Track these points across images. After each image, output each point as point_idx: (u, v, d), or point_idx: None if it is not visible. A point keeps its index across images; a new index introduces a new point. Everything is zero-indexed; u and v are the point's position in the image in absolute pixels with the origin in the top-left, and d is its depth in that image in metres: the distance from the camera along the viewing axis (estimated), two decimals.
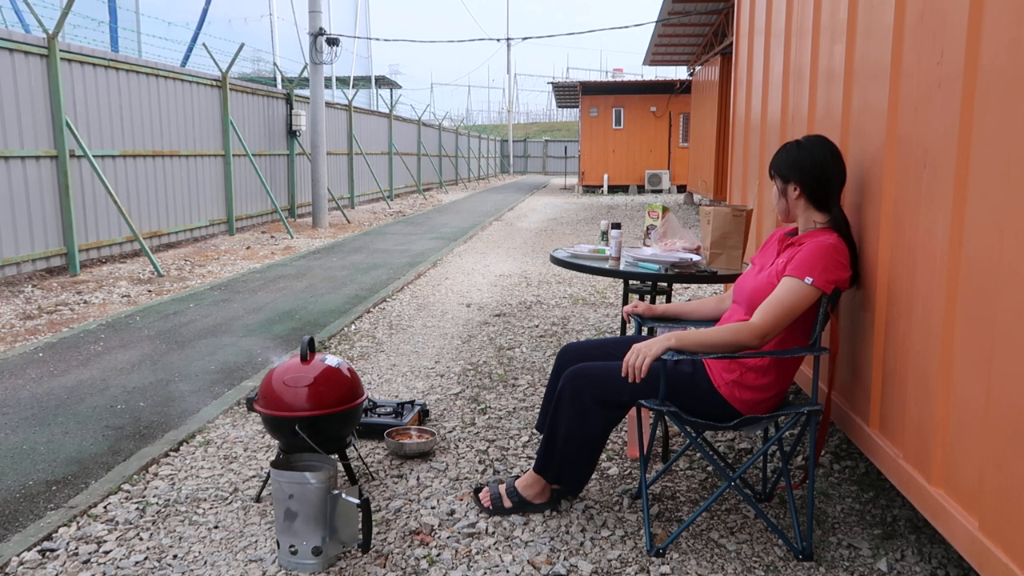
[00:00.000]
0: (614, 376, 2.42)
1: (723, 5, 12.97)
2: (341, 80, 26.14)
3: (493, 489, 2.72)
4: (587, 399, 2.47)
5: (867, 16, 2.58)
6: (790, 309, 2.31)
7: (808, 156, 2.46)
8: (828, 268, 2.31)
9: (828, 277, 2.32)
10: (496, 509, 2.67)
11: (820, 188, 2.44)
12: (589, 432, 2.49)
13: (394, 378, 4.38)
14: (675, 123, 23.06)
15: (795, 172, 2.45)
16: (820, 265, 2.31)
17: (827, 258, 2.32)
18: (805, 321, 2.41)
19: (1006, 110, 1.74)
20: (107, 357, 4.80)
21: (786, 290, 2.31)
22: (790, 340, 2.44)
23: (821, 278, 2.30)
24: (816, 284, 2.29)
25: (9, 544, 2.52)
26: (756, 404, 2.44)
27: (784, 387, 2.49)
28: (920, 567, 2.38)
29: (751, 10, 4.47)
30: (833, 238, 2.39)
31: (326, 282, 7.63)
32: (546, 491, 2.67)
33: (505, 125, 50.13)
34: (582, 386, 2.48)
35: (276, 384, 2.67)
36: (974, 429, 1.88)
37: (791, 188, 2.47)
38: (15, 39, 7.17)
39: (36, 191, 7.39)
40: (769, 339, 2.33)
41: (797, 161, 2.46)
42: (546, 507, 2.68)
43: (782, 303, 2.30)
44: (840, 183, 2.48)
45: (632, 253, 3.38)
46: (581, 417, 2.48)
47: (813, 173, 2.43)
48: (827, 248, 2.34)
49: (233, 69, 11.66)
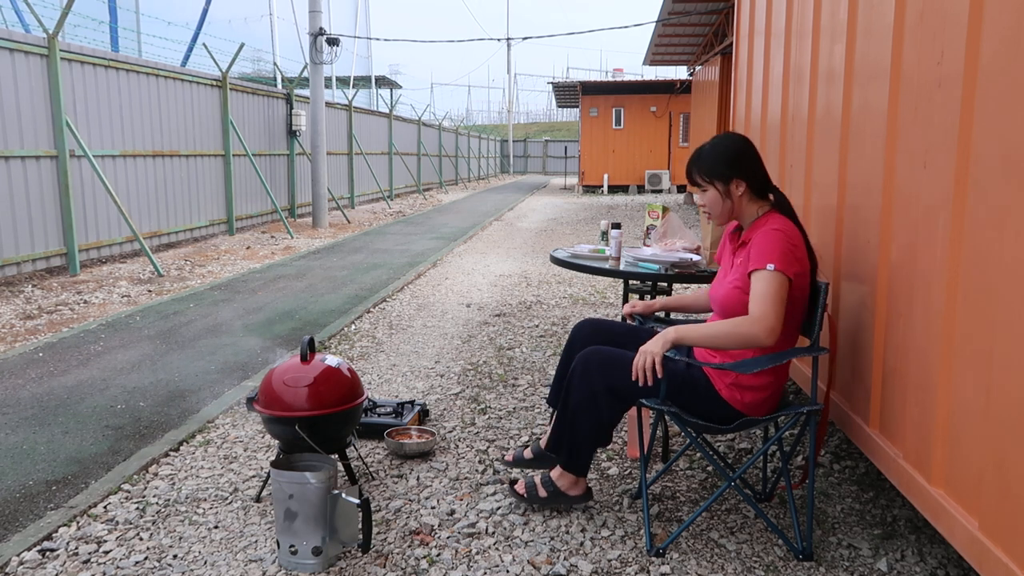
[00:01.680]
0: (626, 367, 2.42)
1: (723, 5, 12.97)
2: (341, 80, 26.14)
3: (528, 480, 2.71)
4: (598, 384, 2.47)
5: (867, 16, 2.58)
6: (776, 296, 2.27)
7: (737, 149, 2.46)
8: (787, 257, 2.30)
9: (790, 268, 2.30)
10: (531, 498, 2.66)
11: (759, 176, 2.45)
12: (598, 415, 2.49)
13: (394, 378, 4.38)
14: (675, 123, 23.06)
15: (735, 168, 2.43)
16: (780, 253, 2.30)
17: (785, 246, 2.31)
18: (791, 315, 2.39)
19: (1006, 110, 1.74)
20: (107, 357, 4.80)
21: (761, 283, 2.29)
22: (780, 337, 2.43)
23: (785, 267, 2.29)
24: (778, 269, 2.28)
25: (9, 544, 2.52)
26: (757, 404, 2.44)
27: (781, 383, 2.49)
28: (920, 567, 2.38)
29: (751, 10, 4.47)
30: (779, 221, 2.39)
31: (326, 282, 7.63)
32: (580, 483, 2.64)
33: (505, 125, 50.13)
34: (593, 371, 2.48)
35: (276, 384, 2.67)
36: (974, 429, 1.88)
37: (734, 186, 2.43)
38: (15, 39, 7.17)
39: (36, 191, 7.39)
40: (773, 327, 2.25)
41: (732, 158, 2.44)
42: (583, 500, 2.65)
43: (767, 294, 2.27)
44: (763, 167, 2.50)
45: (632, 253, 3.38)
46: (592, 400, 2.48)
47: (750, 164, 2.45)
48: (784, 237, 2.33)
49: (233, 69, 11.67)
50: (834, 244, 2.86)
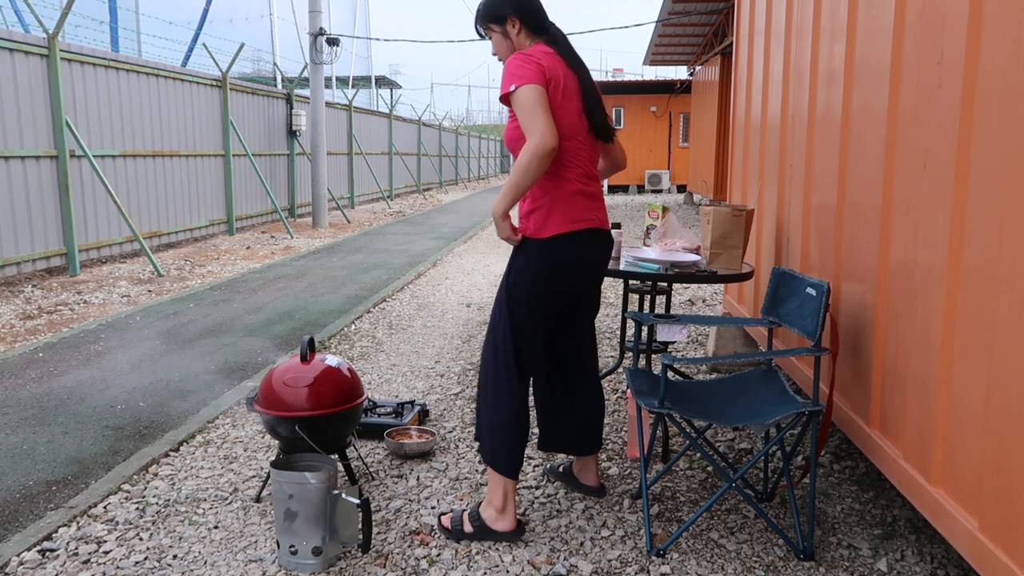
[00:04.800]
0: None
1: (723, 5, 12.96)
2: (341, 80, 26.12)
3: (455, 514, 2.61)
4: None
5: (867, 16, 2.58)
6: (531, 107, 2.27)
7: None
8: (521, 69, 2.32)
9: (526, 79, 2.30)
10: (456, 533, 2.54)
11: (533, 11, 2.49)
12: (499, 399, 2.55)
13: (394, 378, 4.38)
14: (675, 123, 23.06)
15: (507, 7, 2.47)
16: (514, 72, 2.32)
17: (517, 63, 2.34)
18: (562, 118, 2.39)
19: (1006, 110, 1.74)
20: (107, 357, 4.80)
21: (515, 106, 2.32)
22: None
23: (520, 81, 2.30)
24: (518, 86, 2.29)
25: (9, 544, 2.52)
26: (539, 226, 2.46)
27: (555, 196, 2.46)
28: (920, 567, 2.38)
29: (751, 10, 4.47)
30: (537, 48, 2.42)
31: (326, 282, 7.63)
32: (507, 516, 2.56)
33: (505, 125, 50.08)
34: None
35: (276, 384, 2.67)
36: (974, 429, 1.88)
37: (510, 26, 2.49)
38: (15, 39, 7.17)
39: (36, 191, 7.39)
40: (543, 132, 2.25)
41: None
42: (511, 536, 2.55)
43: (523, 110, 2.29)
44: (542, 5, 2.53)
45: (632, 253, 3.38)
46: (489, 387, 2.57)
47: (521, 2, 2.48)
48: (520, 55, 2.37)
49: (233, 69, 11.67)
50: (834, 244, 2.86)
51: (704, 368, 4.40)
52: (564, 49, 2.48)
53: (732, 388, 2.78)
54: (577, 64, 2.48)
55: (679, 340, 5.03)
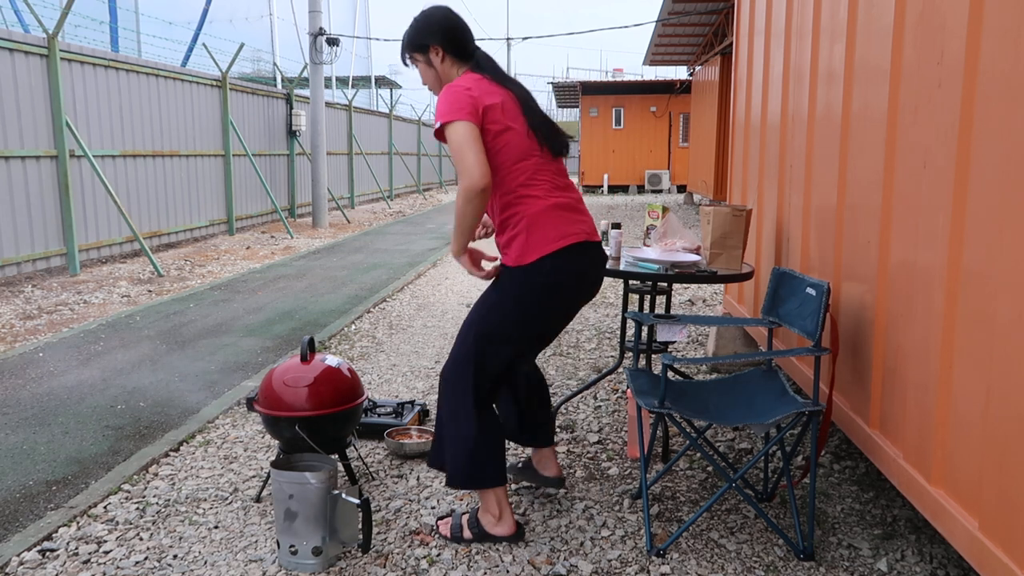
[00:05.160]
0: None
1: (723, 5, 12.96)
2: (341, 80, 26.12)
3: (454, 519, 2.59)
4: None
5: (867, 16, 2.58)
6: (461, 144, 2.23)
7: (429, 19, 2.46)
8: (450, 105, 2.27)
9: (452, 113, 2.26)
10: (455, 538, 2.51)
11: (456, 39, 2.43)
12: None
13: (394, 378, 4.38)
14: (675, 123, 23.05)
15: (428, 36, 2.43)
16: (443, 109, 2.28)
17: (447, 98, 2.29)
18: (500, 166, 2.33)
19: (1006, 110, 1.74)
20: (107, 357, 4.80)
21: (448, 143, 2.28)
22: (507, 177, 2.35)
23: (448, 117, 2.26)
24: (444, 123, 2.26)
25: (9, 544, 2.52)
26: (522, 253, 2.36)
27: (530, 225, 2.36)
28: (920, 567, 2.38)
29: (751, 10, 4.47)
30: (464, 78, 2.36)
31: (326, 282, 7.63)
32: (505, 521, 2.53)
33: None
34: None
35: (276, 384, 2.67)
36: (974, 429, 1.88)
37: (433, 54, 2.44)
38: (15, 39, 7.17)
39: (36, 191, 7.39)
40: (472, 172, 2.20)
41: (423, 28, 2.44)
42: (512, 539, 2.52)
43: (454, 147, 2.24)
44: (470, 31, 2.47)
45: (632, 253, 3.38)
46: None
47: (442, 31, 2.43)
48: (449, 89, 2.31)
49: (233, 69, 11.67)
50: (834, 244, 2.86)
51: (704, 368, 4.41)
52: (492, 72, 2.41)
53: (732, 388, 2.78)
54: (511, 83, 2.41)
55: (679, 340, 5.03)
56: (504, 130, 2.31)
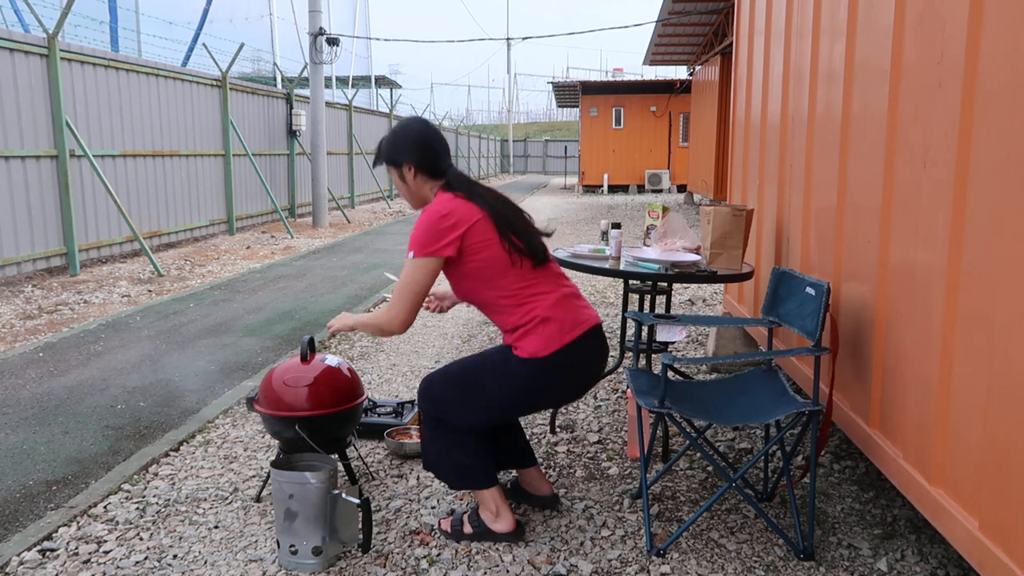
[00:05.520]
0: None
1: (723, 5, 12.96)
2: (341, 80, 26.11)
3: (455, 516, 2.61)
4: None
5: (867, 16, 2.58)
6: (411, 286, 2.34)
7: (405, 134, 2.49)
8: (425, 236, 2.32)
9: (428, 247, 2.32)
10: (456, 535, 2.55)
11: (427, 156, 2.46)
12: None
13: (394, 378, 4.38)
14: (675, 123, 23.05)
15: (402, 153, 2.47)
16: (418, 236, 2.33)
17: (424, 227, 2.34)
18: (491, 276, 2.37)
19: (1006, 110, 1.74)
20: (107, 357, 4.80)
21: (405, 270, 2.37)
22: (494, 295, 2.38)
23: (420, 250, 2.32)
24: (416, 256, 2.33)
25: (9, 544, 2.52)
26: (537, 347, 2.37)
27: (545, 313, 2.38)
28: (920, 567, 2.38)
29: (751, 10, 4.47)
30: (439, 202, 2.38)
31: (326, 282, 7.63)
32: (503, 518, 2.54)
33: (505, 125, 50.10)
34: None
35: (276, 384, 2.67)
36: (974, 429, 1.88)
37: (406, 169, 2.47)
38: (15, 39, 7.17)
39: (36, 191, 7.39)
40: (403, 320, 2.35)
41: (399, 143, 2.48)
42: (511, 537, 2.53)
43: (404, 282, 2.35)
44: (443, 146, 2.50)
45: (632, 253, 3.38)
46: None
47: (416, 147, 2.46)
48: (426, 218, 2.35)
49: (233, 69, 11.66)
50: (834, 244, 2.86)
51: (704, 368, 4.41)
52: (464, 189, 2.43)
53: (732, 388, 2.78)
54: (480, 199, 2.42)
55: (679, 340, 5.03)
56: (486, 247, 2.36)
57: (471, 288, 2.43)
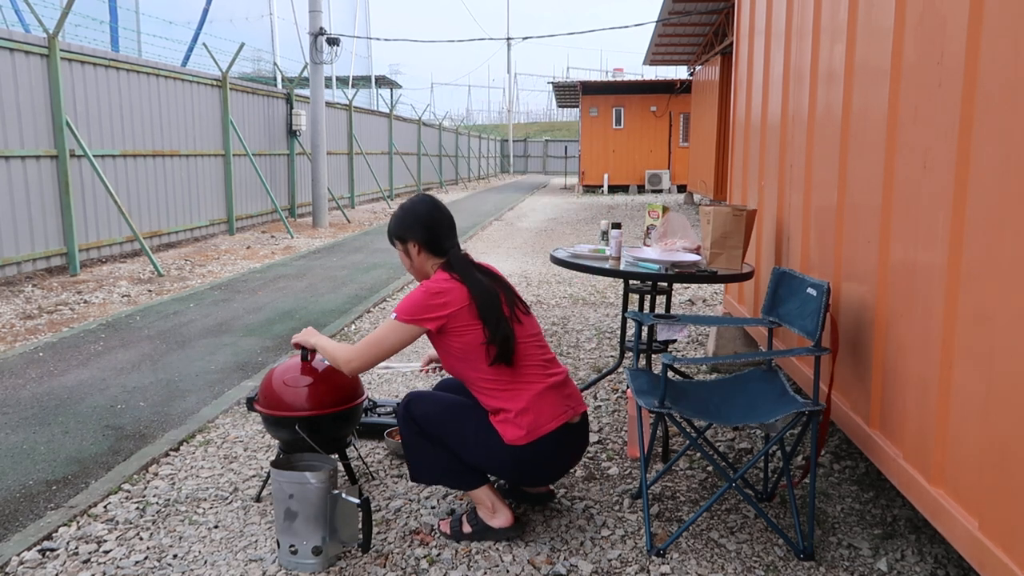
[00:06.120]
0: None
1: (723, 5, 12.97)
2: (341, 80, 26.12)
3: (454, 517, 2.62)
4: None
5: (867, 16, 2.58)
6: (381, 344, 2.44)
7: (413, 213, 2.61)
8: (414, 306, 2.42)
9: (413, 315, 2.41)
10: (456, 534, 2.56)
11: (432, 236, 2.57)
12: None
13: (394, 378, 4.38)
14: (675, 123, 23.05)
15: (408, 231, 2.58)
16: (408, 304, 2.43)
17: (416, 298, 2.43)
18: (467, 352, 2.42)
19: (1006, 110, 1.74)
20: (107, 357, 4.80)
21: (382, 327, 2.47)
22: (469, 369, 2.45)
23: (404, 315, 2.42)
24: (399, 319, 2.42)
25: (9, 544, 2.52)
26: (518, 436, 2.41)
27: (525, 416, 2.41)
28: (920, 567, 2.38)
29: (751, 10, 4.47)
30: (436, 280, 2.48)
31: (326, 282, 7.63)
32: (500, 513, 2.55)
33: (505, 125, 50.09)
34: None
35: (276, 384, 2.67)
36: (974, 429, 1.88)
37: (411, 246, 2.59)
38: (15, 39, 7.17)
39: (36, 191, 7.39)
40: (356, 368, 2.47)
41: (406, 221, 2.60)
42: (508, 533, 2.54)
43: (376, 338, 2.45)
44: (449, 227, 2.61)
45: (632, 253, 3.38)
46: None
47: (422, 227, 2.57)
48: (420, 291, 2.45)
49: (233, 69, 11.66)
50: (834, 244, 2.86)
51: (704, 368, 4.41)
52: (461, 271, 2.51)
53: (732, 388, 2.78)
54: (475, 284, 2.47)
55: (679, 340, 5.03)
56: (469, 331, 2.42)
57: (455, 367, 2.51)
